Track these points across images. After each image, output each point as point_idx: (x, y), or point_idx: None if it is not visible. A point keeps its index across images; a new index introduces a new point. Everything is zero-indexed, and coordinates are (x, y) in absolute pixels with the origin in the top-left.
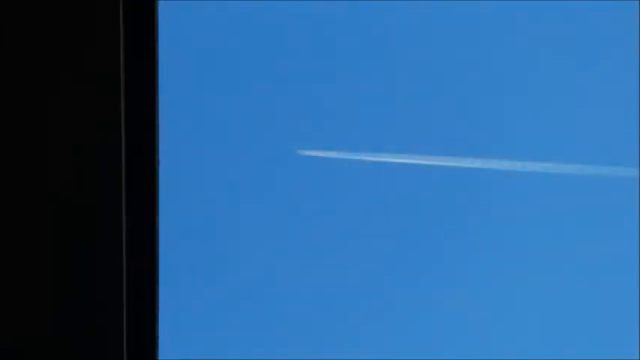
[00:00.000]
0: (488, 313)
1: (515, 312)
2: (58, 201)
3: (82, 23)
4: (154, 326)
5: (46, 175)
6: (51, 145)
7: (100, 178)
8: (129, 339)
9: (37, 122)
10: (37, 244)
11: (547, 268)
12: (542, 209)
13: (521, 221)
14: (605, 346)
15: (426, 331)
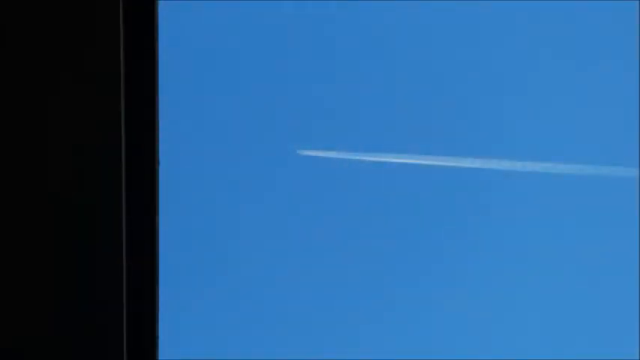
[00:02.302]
0: (488, 312)
1: (515, 312)
2: (58, 201)
3: (82, 23)
4: (154, 326)
5: (46, 175)
6: (51, 145)
7: (100, 178)
8: (129, 339)
9: (37, 122)
10: (37, 244)
11: (547, 267)
12: (542, 209)
13: (521, 221)
14: (605, 346)
15: (425, 331)
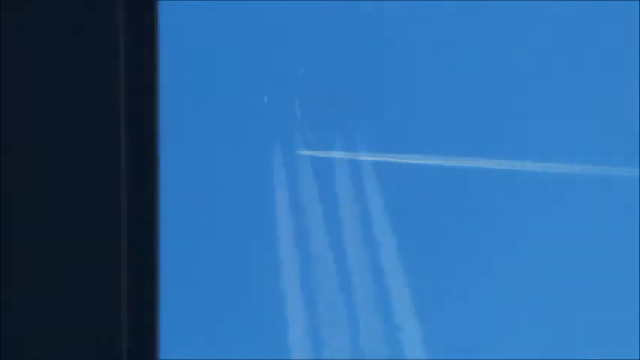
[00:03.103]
0: (487, 311)
1: (515, 311)
2: (58, 201)
3: (83, 23)
4: (154, 326)
5: (46, 175)
6: (51, 145)
7: (100, 178)
8: (129, 339)
9: (37, 122)
10: (37, 243)
11: (547, 267)
12: (542, 209)
13: (522, 221)
14: (605, 346)
15: (426, 330)
